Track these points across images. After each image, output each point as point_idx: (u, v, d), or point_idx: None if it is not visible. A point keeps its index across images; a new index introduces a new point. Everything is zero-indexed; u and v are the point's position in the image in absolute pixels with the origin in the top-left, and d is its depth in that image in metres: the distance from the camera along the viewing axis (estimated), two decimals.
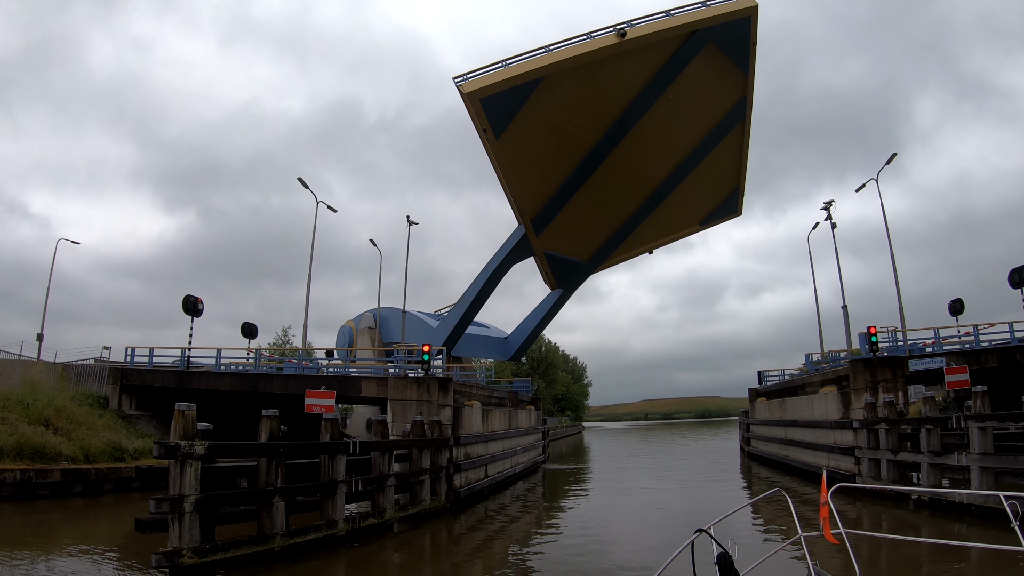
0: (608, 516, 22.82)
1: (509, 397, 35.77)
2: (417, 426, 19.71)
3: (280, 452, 14.45)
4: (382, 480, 17.34)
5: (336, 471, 15.89)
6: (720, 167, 37.82)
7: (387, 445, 17.74)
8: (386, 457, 17.59)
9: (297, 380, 25.71)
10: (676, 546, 5.17)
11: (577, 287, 40.68)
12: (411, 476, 18.69)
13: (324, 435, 16.24)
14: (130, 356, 32.19)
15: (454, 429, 22.17)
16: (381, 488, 17.37)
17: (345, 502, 16.29)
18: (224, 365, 30.15)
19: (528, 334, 42.63)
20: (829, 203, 35.53)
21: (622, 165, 33.11)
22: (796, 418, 30.40)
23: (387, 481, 17.45)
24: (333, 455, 15.90)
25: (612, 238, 37.70)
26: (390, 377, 22.88)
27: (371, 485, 17.15)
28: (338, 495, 15.74)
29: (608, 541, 17.63)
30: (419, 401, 21.94)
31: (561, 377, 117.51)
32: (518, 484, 30.07)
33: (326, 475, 15.86)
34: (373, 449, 17.55)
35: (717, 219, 42.25)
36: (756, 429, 40.16)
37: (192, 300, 31.83)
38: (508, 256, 34.41)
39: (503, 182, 30.82)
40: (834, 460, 25.27)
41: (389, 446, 17.81)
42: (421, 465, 19.28)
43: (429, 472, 19.44)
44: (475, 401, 25.43)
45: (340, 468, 15.95)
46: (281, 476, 14.38)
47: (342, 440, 16.32)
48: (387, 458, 17.62)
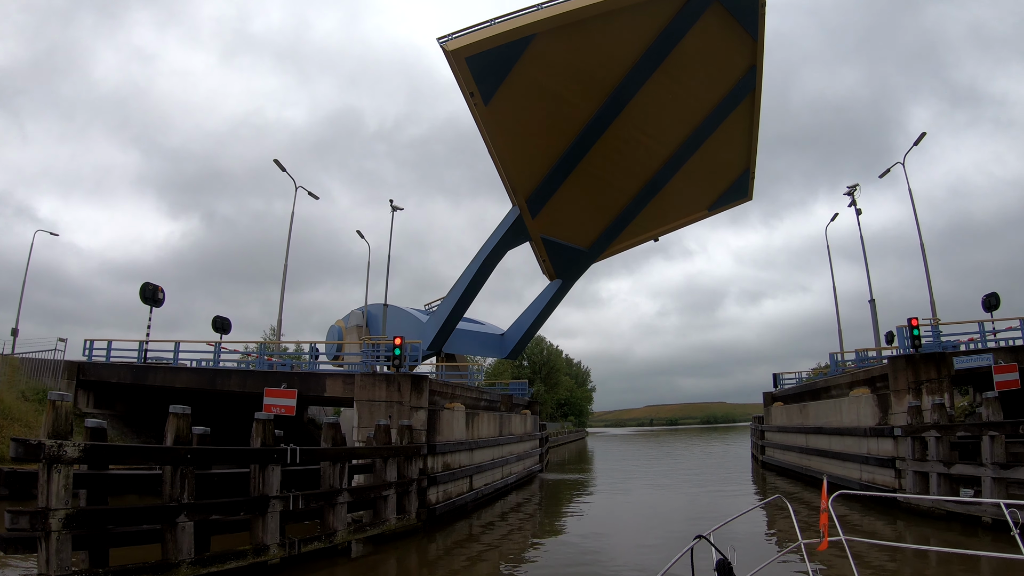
0: (609, 533, 19.91)
1: (502, 400, 32.60)
2: (382, 431, 16.61)
3: (188, 459, 11.38)
4: (331, 496, 14.24)
5: (268, 484, 12.82)
6: (729, 145, 34.58)
7: (339, 454, 14.62)
8: (338, 468, 14.49)
9: (257, 377, 22.66)
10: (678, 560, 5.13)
11: (578, 277, 37.40)
12: (371, 491, 15.56)
13: (255, 440, 13.17)
14: (88, 349, 29.30)
15: (429, 435, 19.05)
16: (331, 505, 14.28)
17: (282, 522, 13.22)
18: (195, 361, 27.23)
19: (525, 330, 39.29)
20: (853, 187, 32.37)
21: (623, 140, 30.01)
22: (820, 424, 27.14)
23: (338, 497, 14.34)
24: (264, 464, 12.82)
25: (614, 223, 34.45)
26: (356, 375, 19.76)
27: (318, 502, 14.06)
28: (270, 514, 12.66)
29: (607, 563, 15.10)
30: (388, 402, 18.83)
31: (564, 381, 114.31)
32: (510, 497, 26.93)
33: (256, 489, 12.81)
34: (322, 458, 14.47)
35: (726, 203, 38.88)
36: (772, 436, 36.85)
37: (151, 288, 28.87)
38: (502, 240, 31.23)
39: (494, 155, 27.76)
40: (868, 472, 22.06)
41: (342, 455, 14.70)
42: (385, 478, 16.16)
43: (395, 486, 16.30)
44: (458, 404, 22.31)
45: (273, 481, 12.89)
46: (189, 489, 11.32)
47: (276, 446, 13.23)
48: (339, 469, 14.51)
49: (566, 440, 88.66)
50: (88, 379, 27.63)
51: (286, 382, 21.20)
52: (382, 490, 15.76)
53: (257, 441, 13.10)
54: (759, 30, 29.52)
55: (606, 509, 25.23)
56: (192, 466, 11.51)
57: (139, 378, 26.38)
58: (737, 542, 5.87)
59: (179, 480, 11.25)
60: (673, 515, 22.70)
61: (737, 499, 25.78)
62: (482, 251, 32.74)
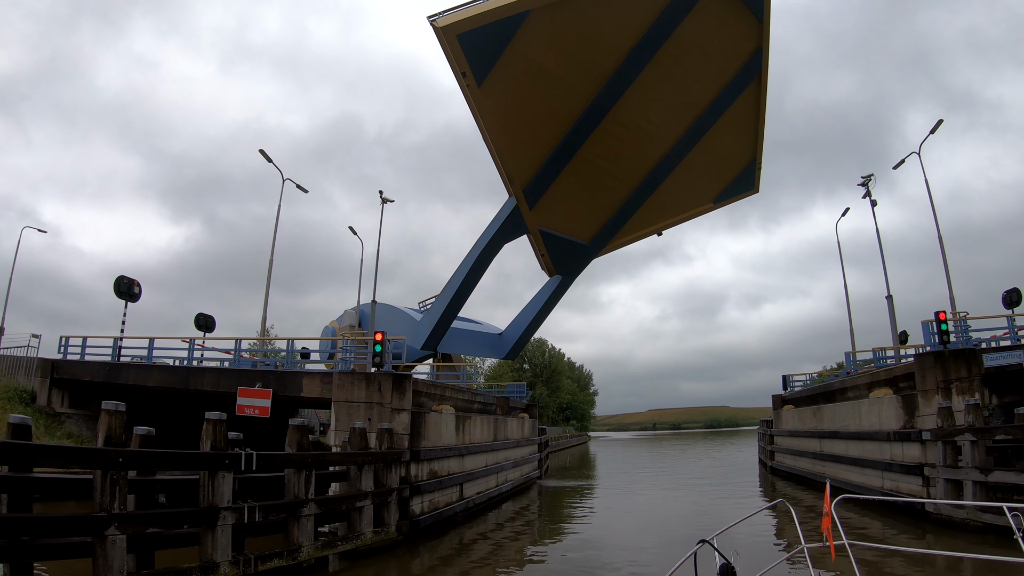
0: (611, 541, 18.41)
1: (498, 403, 30.94)
2: (356, 435, 14.97)
3: (120, 463, 9.79)
4: (295, 507, 12.60)
5: (218, 493, 11.19)
6: (734, 134, 32.89)
7: (304, 460, 12.97)
8: (303, 476, 12.85)
9: (231, 376, 21.07)
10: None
11: (578, 274, 35.67)
12: (342, 501, 13.91)
13: (204, 442, 11.55)
14: (63, 347, 27.84)
15: (413, 440, 17.39)
16: (295, 517, 12.64)
17: (237, 536, 11.60)
18: (180, 360, 25.69)
19: (524, 329, 37.50)
20: (868, 178, 30.77)
21: (623, 126, 28.41)
22: (836, 428, 25.44)
23: (303, 508, 12.70)
24: (214, 471, 11.20)
25: (616, 215, 32.77)
26: (334, 373, 18.13)
27: (279, 513, 12.43)
28: (220, 527, 11.03)
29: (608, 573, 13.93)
30: (368, 403, 17.18)
31: (566, 385, 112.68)
32: (505, 506, 25.26)
33: (205, 498, 11.19)
34: (286, 464, 12.84)
35: (732, 196, 37.05)
36: (782, 441, 35.12)
37: (126, 282, 27.41)
38: (499, 232, 29.59)
39: (488, 141, 26.11)
40: (891, 480, 20.36)
41: (308, 461, 13.05)
42: (360, 487, 14.52)
43: (371, 496, 14.65)
44: (447, 406, 20.67)
45: (224, 489, 11.24)
46: (122, 497, 9.73)
47: (228, 451, 11.59)
48: (305, 477, 12.88)
49: (568, 444, 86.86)
50: (62, 377, 26.38)
51: (261, 381, 19.64)
52: (356, 500, 14.12)
53: (207, 444, 11.48)
54: (765, 11, 27.93)
55: (608, 517, 23.57)
56: (126, 471, 9.91)
57: (112, 376, 25.02)
58: (740, 547, 5.93)
59: (110, 487, 9.65)
60: (678, 524, 21.06)
61: (746, 505, 24.12)
62: (478, 244, 31.11)
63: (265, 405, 18.72)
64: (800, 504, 23.86)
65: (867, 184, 30.80)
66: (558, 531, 20.79)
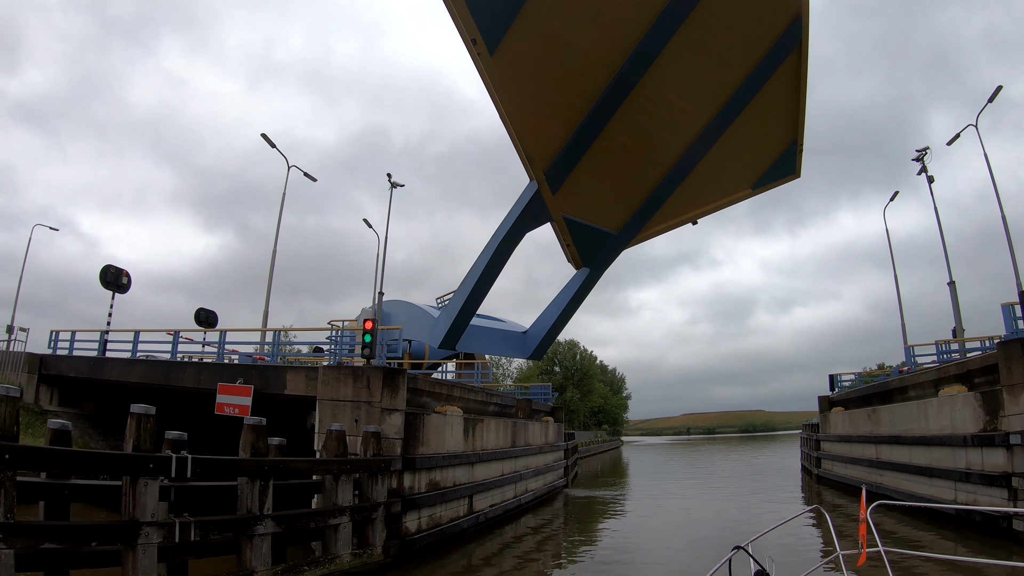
0: (643, 557, 16.28)
1: (518, 405, 28.52)
2: (333, 439, 12.70)
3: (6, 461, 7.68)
4: (246, 524, 10.35)
5: (140, 505, 8.99)
6: (773, 112, 29.86)
7: (259, 468, 10.72)
8: (256, 487, 10.59)
9: (212, 371, 19.07)
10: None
11: (607, 266, 32.79)
12: (311, 518, 11.62)
13: (127, 442, 9.38)
14: (53, 341, 26.29)
15: (407, 445, 15.06)
16: (247, 537, 10.40)
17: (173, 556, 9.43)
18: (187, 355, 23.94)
19: (550, 327, 34.74)
20: (923, 152, 27.78)
21: (652, 102, 25.74)
22: (897, 433, 22.51)
23: (256, 526, 10.45)
24: (135, 477, 9.01)
25: (646, 202, 29.95)
26: (320, 368, 15.91)
27: (224, 531, 10.17)
28: (141, 547, 8.83)
29: None
30: (355, 402, 14.91)
31: (598, 388, 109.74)
32: (525, 519, 22.83)
33: (127, 511, 9.03)
34: (238, 473, 10.62)
35: (772, 181, 33.85)
36: (830, 447, 32.06)
37: (114, 272, 25.69)
38: (520, 219, 27.02)
39: (504, 118, 23.66)
40: (967, 492, 17.46)
41: (264, 469, 10.79)
42: (336, 500, 12.24)
43: (350, 511, 12.35)
44: (453, 407, 18.31)
45: (147, 501, 9.04)
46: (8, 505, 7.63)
47: (154, 453, 9.36)
48: (258, 489, 10.62)
49: (599, 450, 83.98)
50: (50, 373, 24.85)
51: (242, 377, 17.60)
52: (329, 517, 11.82)
53: (128, 443, 9.30)
54: None
55: (639, 529, 21.07)
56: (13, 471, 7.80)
57: (96, 372, 23.40)
58: (776, 553, 6.01)
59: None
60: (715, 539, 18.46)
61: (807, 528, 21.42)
62: (498, 233, 28.55)
63: (246, 403, 16.77)
64: (852, 516, 21.15)
65: (922, 159, 27.84)
66: (583, 547, 18.35)
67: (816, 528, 17.38)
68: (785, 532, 14.46)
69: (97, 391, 25.08)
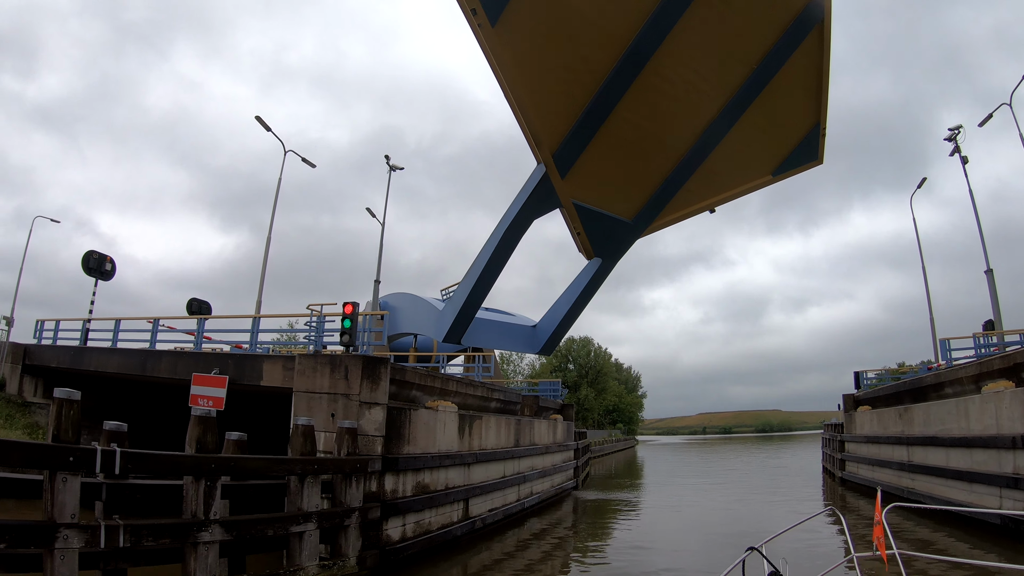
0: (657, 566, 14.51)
1: (524, 402, 26.98)
2: (299, 435, 11.22)
3: None
4: (188, 530, 8.91)
5: (60, 505, 7.59)
6: (794, 93, 27.95)
7: (203, 465, 9.25)
8: (201, 488, 9.14)
9: (188, 360, 17.71)
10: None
11: (620, 256, 30.94)
12: (268, 524, 10.13)
13: (48, 431, 8.02)
14: (38, 331, 25.18)
15: (390, 443, 13.57)
16: (192, 544, 8.96)
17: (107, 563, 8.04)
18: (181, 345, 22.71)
19: (560, 320, 32.93)
20: (956, 130, 25.93)
21: (667, 80, 24.03)
22: (933, 433, 20.73)
23: (201, 532, 9.00)
24: (54, 471, 7.60)
25: (661, 188, 28.18)
26: (296, 356, 14.46)
27: (161, 538, 8.72)
28: (58, 551, 7.42)
29: None
30: (331, 395, 13.45)
31: (612, 386, 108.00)
32: (530, 523, 21.30)
33: (46, 509, 7.63)
34: (180, 471, 9.18)
35: (793, 167, 31.84)
36: (856, 448, 30.22)
37: (96, 257, 24.43)
38: (527, 205, 25.36)
39: (508, 94, 22.08)
40: (1015, 499, 15.71)
41: (210, 467, 9.32)
42: (300, 505, 10.76)
43: (317, 517, 10.87)
44: (446, 403, 16.80)
45: (67, 499, 7.63)
46: None
47: (74, 445, 7.91)
48: (204, 490, 9.16)
49: (613, 449, 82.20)
50: (34, 364, 23.92)
51: (218, 367, 16.22)
52: (291, 523, 10.34)
53: (49, 433, 7.92)
54: None
55: (653, 534, 19.48)
56: None
57: (76, 362, 22.38)
58: (790, 555, 5.93)
59: None
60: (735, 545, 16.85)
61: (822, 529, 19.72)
62: (504, 220, 26.89)
63: (219, 396, 15.36)
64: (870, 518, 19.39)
65: (955, 139, 25.99)
66: (590, 555, 16.82)
67: (831, 530, 16.77)
68: (800, 534, 13.94)
69: (84, 382, 23.96)
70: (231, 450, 10.92)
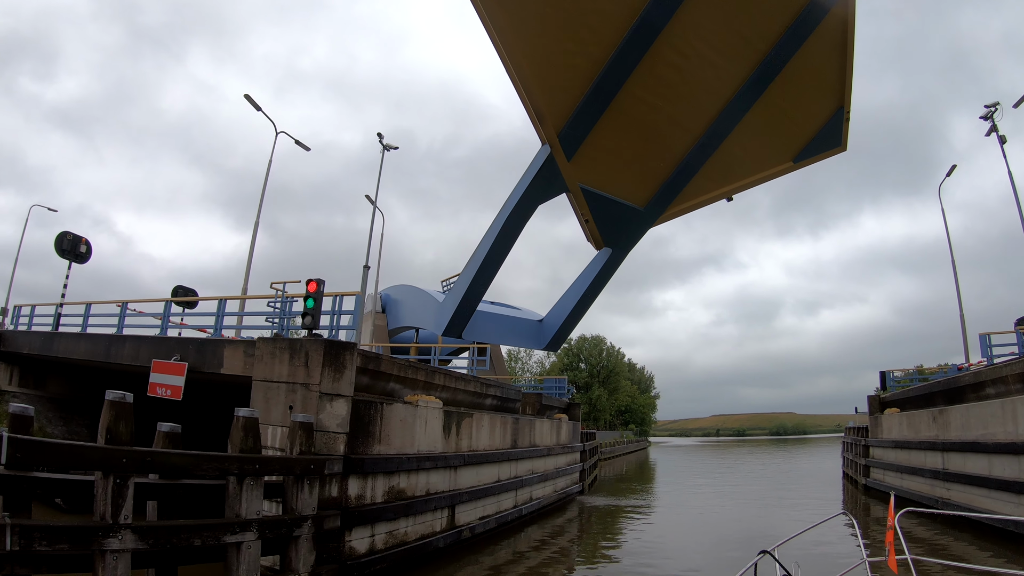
0: None
1: (525, 400, 25.22)
2: (239, 429, 9.52)
3: None
4: (91, 536, 7.22)
5: None
6: (816, 74, 25.84)
7: (113, 459, 7.56)
8: (110, 485, 7.47)
9: (150, 345, 16.14)
10: None
11: (631, 247, 28.81)
12: (195, 533, 8.43)
13: None
14: (14, 316, 23.88)
15: (356, 442, 11.85)
16: (99, 552, 7.30)
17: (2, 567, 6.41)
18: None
19: (568, 314, 30.92)
20: (993, 107, 23.91)
21: (681, 54, 22.02)
22: (974, 438, 18.74)
23: (109, 539, 7.31)
24: None
25: (675, 173, 26.09)
26: (257, 340, 12.79)
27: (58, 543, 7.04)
28: None
29: None
30: (290, 384, 11.76)
31: (625, 386, 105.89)
32: (526, 532, 19.52)
33: None
34: (88, 464, 7.52)
35: (815, 153, 29.55)
36: (883, 454, 28.14)
37: (71, 239, 22.99)
38: (531, 188, 23.42)
39: (508, 65, 20.35)
40: None
41: (121, 462, 7.64)
42: (238, 511, 9.07)
43: (258, 526, 9.17)
44: (430, 397, 15.07)
45: None
46: None
47: None
48: (112, 488, 7.48)
49: (624, 451, 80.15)
50: (8, 351, 22.62)
51: (179, 353, 14.63)
52: (223, 532, 8.64)
53: None
54: None
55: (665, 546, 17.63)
56: None
57: (46, 348, 21.16)
58: (802, 559, 6.19)
59: None
60: None
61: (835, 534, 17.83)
62: (507, 205, 24.98)
63: (178, 384, 13.84)
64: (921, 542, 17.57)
65: (991, 116, 23.96)
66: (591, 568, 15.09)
67: (845, 534, 16.21)
68: (813, 538, 13.06)
69: (60, 371, 22.58)
70: (162, 443, 9.32)
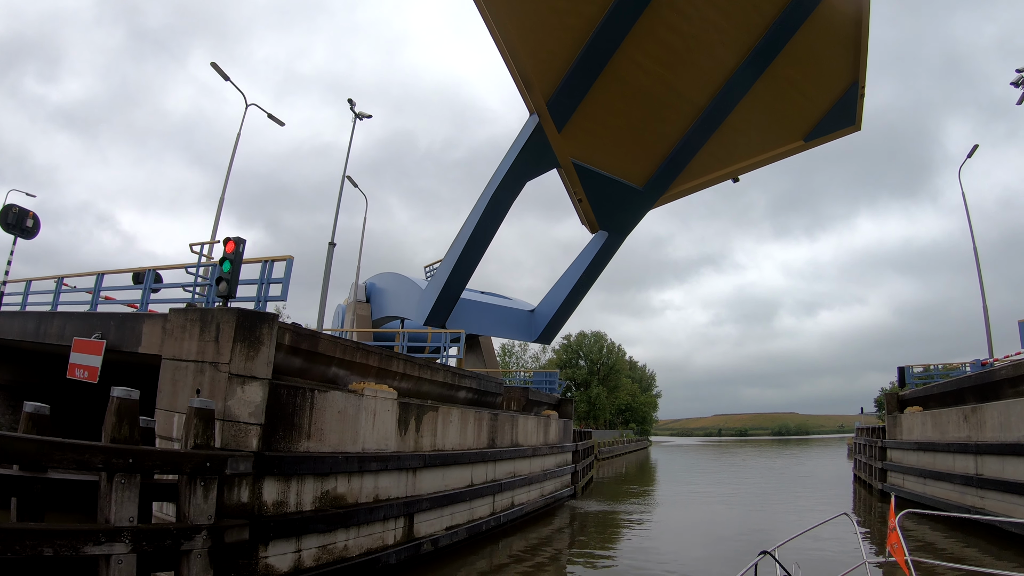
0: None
1: (507, 395, 22.97)
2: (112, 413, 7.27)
3: None
4: None
5: None
6: (828, 45, 23.54)
7: None
8: None
9: (77, 322, 14.02)
10: None
11: (629, 231, 26.49)
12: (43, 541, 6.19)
13: None
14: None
15: (271, 435, 9.58)
16: None
17: None
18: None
19: (561, 303, 28.64)
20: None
21: (683, 15, 19.77)
22: (1015, 439, 16.43)
23: None
24: None
25: (677, 149, 23.83)
26: (170, 311, 10.57)
27: None
28: None
29: None
30: (198, 363, 9.53)
31: (626, 384, 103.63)
32: (504, 543, 17.18)
33: None
34: None
35: (828, 132, 27.14)
36: (903, 456, 25.76)
37: (16, 212, 20.90)
38: (517, 163, 21.20)
39: (490, 24, 18.05)
40: None
41: None
42: (107, 516, 6.85)
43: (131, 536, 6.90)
44: (381, 386, 12.80)
45: None
46: None
47: None
48: None
49: (623, 451, 77.91)
50: None
51: (101, 329, 12.52)
52: (82, 542, 6.40)
53: None
54: None
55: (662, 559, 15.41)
56: None
57: None
58: (803, 560, 6.17)
59: None
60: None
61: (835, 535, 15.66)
62: (492, 181, 22.69)
63: (95, 364, 11.84)
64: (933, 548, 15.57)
65: (1021, 83, 21.72)
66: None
67: (845, 535, 15.73)
68: (814, 540, 13.93)
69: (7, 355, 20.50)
70: (26, 427, 7.26)
